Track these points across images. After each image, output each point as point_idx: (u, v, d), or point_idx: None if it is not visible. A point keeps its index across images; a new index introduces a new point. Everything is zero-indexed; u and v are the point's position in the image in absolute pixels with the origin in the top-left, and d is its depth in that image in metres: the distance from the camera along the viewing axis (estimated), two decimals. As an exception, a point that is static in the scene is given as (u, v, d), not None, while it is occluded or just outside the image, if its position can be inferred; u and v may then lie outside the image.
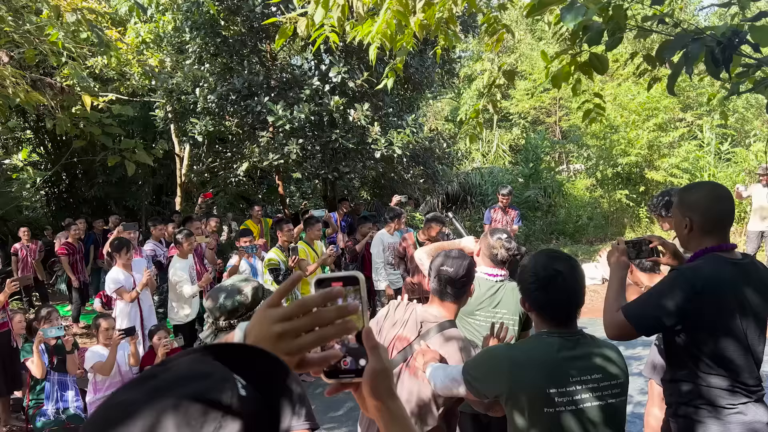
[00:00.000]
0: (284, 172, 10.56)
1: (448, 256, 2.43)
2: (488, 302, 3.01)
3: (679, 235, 2.34)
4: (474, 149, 21.63)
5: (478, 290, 2.99)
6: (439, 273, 2.39)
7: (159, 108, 10.29)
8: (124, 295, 5.76)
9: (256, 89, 8.96)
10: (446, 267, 2.37)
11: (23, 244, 9.82)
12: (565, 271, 1.91)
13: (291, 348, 0.81)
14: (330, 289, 0.84)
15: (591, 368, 1.86)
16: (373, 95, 9.28)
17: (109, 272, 6.04)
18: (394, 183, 10.71)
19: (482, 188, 16.94)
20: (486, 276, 3.08)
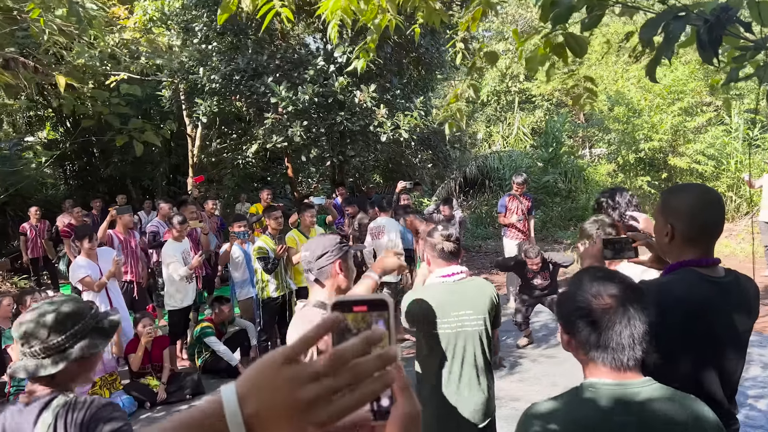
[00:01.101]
0: (294, 155, 10.35)
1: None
2: (450, 307, 2.76)
3: (659, 242, 2.05)
4: (495, 132, 21.19)
5: (438, 298, 2.76)
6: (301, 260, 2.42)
7: (165, 88, 10.13)
8: (88, 285, 5.40)
9: (260, 69, 8.74)
10: (305, 253, 2.36)
11: (32, 223, 9.83)
12: (624, 297, 1.43)
13: (324, 418, 0.61)
14: (372, 332, 0.65)
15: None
16: (380, 76, 8.99)
17: (73, 262, 5.80)
18: (402, 167, 10.44)
19: (500, 172, 16.54)
20: (442, 279, 2.83)
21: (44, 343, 1.70)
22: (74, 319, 1.76)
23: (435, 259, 2.87)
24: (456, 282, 2.82)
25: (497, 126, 21.13)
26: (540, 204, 15.14)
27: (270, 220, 5.94)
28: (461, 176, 17.43)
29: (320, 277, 2.34)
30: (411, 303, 2.78)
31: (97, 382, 5.05)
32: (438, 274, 2.84)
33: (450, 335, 2.74)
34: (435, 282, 2.85)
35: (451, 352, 2.76)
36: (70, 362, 1.71)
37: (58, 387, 1.74)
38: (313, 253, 2.32)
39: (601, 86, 15.20)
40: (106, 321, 1.87)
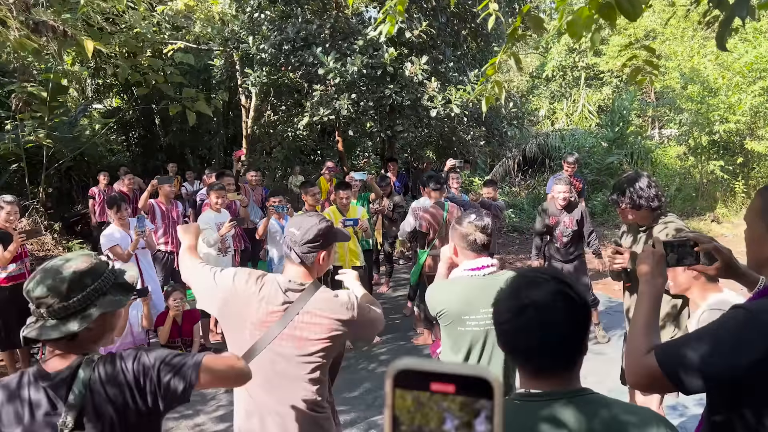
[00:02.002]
0: (342, 128, 10.12)
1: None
2: (479, 303, 2.46)
3: (752, 250, 1.62)
4: (558, 109, 20.33)
5: (466, 293, 2.51)
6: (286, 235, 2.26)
7: (217, 57, 10.04)
8: (118, 255, 5.39)
9: (310, 39, 8.48)
10: (293, 229, 2.21)
11: (100, 188, 10.07)
12: (541, 301, 1.25)
13: None
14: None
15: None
16: (434, 48, 8.58)
17: (104, 231, 5.79)
18: (453, 144, 10.03)
19: (561, 151, 15.83)
20: (471, 272, 2.55)
21: (64, 302, 1.58)
22: (93, 275, 1.65)
23: (463, 251, 2.60)
24: (486, 276, 2.54)
25: (561, 103, 20.25)
26: (601, 187, 14.44)
27: (307, 196, 5.73)
28: (520, 154, 16.84)
29: (305, 260, 2.20)
30: (436, 295, 2.61)
31: (126, 354, 5.01)
32: (466, 267, 2.58)
33: (478, 333, 2.51)
34: (463, 275, 2.59)
35: (477, 351, 2.53)
36: (94, 321, 1.59)
37: (81, 349, 1.62)
38: (302, 236, 2.17)
39: (674, 62, 14.24)
40: (126, 276, 1.79)
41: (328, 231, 2.24)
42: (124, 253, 5.43)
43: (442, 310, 2.54)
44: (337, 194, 5.92)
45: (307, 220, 2.22)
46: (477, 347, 2.53)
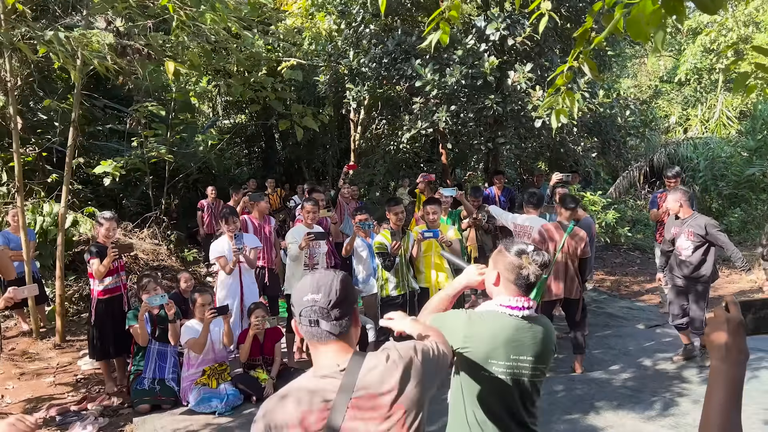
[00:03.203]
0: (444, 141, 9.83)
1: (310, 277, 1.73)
2: (510, 348, 2.11)
3: None
4: (692, 115, 18.65)
5: (499, 333, 2.13)
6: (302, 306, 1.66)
7: (323, 72, 10.16)
8: (222, 266, 5.66)
9: (410, 51, 8.31)
10: (311, 295, 1.64)
11: (209, 202, 10.57)
12: None
13: None
14: None
15: None
16: (540, 54, 8.07)
17: (216, 240, 6.01)
18: (561, 155, 9.38)
19: (693, 162, 14.43)
20: (505, 309, 2.16)
21: None
22: None
23: (508, 284, 2.20)
24: (524, 318, 2.16)
25: (696, 108, 18.56)
26: (740, 201, 12.96)
27: (390, 214, 5.51)
28: (647, 165, 15.59)
29: (341, 330, 1.65)
30: (462, 327, 2.18)
31: (207, 370, 5.05)
32: (502, 302, 2.19)
33: (501, 382, 2.12)
34: (496, 311, 2.19)
35: (497, 402, 2.15)
36: None
37: None
38: (328, 298, 1.63)
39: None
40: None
41: (349, 282, 1.73)
42: (227, 265, 5.68)
43: (466, 347, 2.14)
44: (425, 210, 5.65)
45: (320, 278, 1.69)
46: (494, 396, 2.14)
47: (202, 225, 10.54)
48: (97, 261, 5.17)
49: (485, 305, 2.26)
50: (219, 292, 5.88)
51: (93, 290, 5.32)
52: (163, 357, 5.16)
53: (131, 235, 10.09)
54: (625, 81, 20.25)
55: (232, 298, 5.74)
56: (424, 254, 5.59)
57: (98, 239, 5.44)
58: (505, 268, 2.20)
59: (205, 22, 5.24)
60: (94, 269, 5.19)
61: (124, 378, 5.49)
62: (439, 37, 2.45)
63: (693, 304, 5.50)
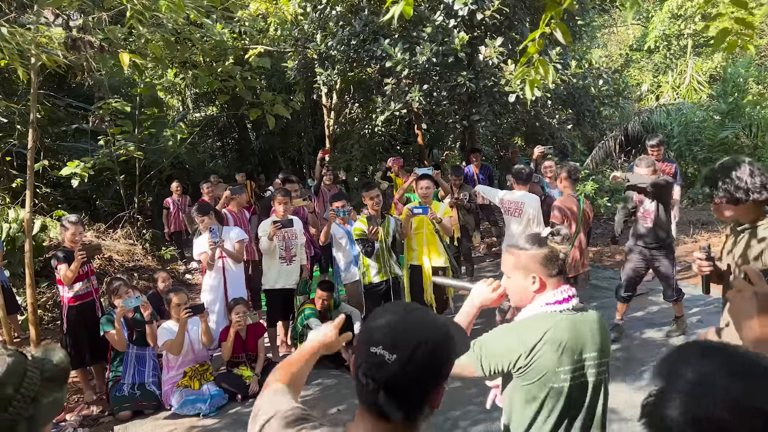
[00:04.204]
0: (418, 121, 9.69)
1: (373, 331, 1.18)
2: (573, 350, 1.91)
3: None
4: (664, 82, 18.69)
5: (559, 337, 1.90)
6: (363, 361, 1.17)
7: (290, 58, 9.93)
8: (204, 262, 5.54)
9: (378, 31, 8.12)
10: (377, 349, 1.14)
11: (174, 198, 10.29)
12: None
13: None
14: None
15: None
16: (509, 28, 7.94)
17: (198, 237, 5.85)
18: (537, 129, 9.30)
19: (668, 129, 14.47)
20: (554, 307, 1.97)
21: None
22: (14, 379, 1.21)
23: (550, 278, 1.98)
24: (574, 309, 1.96)
25: (666, 75, 18.59)
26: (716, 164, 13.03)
27: (366, 198, 5.39)
28: (622, 134, 15.61)
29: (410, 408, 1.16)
30: (516, 344, 1.91)
31: (188, 372, 4.91)
32: (547, 301, 1.97)
33: (571, 388, 1.91)
34: (545, 313, 1.97)
35: (566, 409, 1.93)
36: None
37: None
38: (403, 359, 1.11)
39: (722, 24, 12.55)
40: (55, 360, 1.34)
41: (448, 343, 1.20)
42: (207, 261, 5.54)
43: (528, 365, 1.88)
44: (418, 185, 5.58)
45: (402, 324, 1.18)
46: (562, 404, 1.92)
47: (168, 224, 10.26)
48: (65, 266, 4.97)
49: (526, 312, 2.03)
50: (203, 289, 5.74)
51: (63, 297, 5.11)
52: (141, 361, 4.99)
53: (105, 237, 9.83)
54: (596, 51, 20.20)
55: (215, 294, 5.59)
56: (416, 232, 5.54)
57: (65, 244, 5.23)
58: (541, 265, 1.97)
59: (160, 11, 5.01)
60: (62, 275, 4.99)
61: (102, 385, 5.30)
62: (403, 10, 2.31)
63: (664, 270, 5.43)
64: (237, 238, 5.91)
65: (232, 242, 5.79)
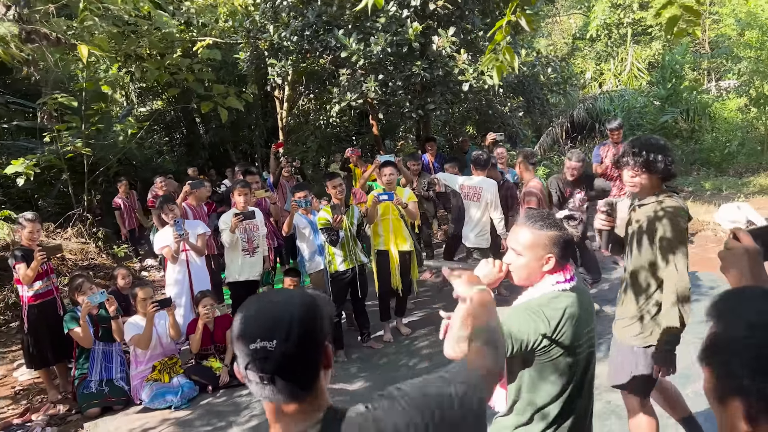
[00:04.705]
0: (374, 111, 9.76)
1: None
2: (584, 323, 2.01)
3: None
4: (606, 69, 19.33)
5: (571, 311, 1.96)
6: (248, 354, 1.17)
7: (242, 50, 9.83)
8: (167, 255, 5.51)
9: (332, 22, 8.15)
10: (257, 344, 1.15)
11: (122, 197, 10.07)
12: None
13: None
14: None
15: None
16: (461, 18, 8.10)
17: (158, 231, 5.81)
18: (490, 117, 9.53)
19: (611, 115, 15.01)
20: (564, 286, 2.02)
21: None
22: None
23: (561, 260, 2.02)
24: (574, 288, 2.04)
25: (608, 63, 19.24)
26: (657, 148, 13.62)
27: (329, 188, 5.46)
28: (568, 121, 16.09)
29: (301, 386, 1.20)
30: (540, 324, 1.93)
31: (157, 365, 4.88)
32: (557, 280, 2.02)
33: (581, 361, 2.01)
34: (556, 291, 2.01)
35: (575, 380, 2.01)
36: None
37: None
38: (282, 342, 1.14)
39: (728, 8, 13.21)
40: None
41: (314, 308, 1.22)
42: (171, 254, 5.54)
43: (553, 341, 1.92)
44: (381, 172, 5.68)
45: (270, 311, 1.20)
46: (577, 378, 2.01)
47: (123, 223, 10.05)
48: (24, 266, 4.86)
49: (534, 292, 2.05)
50: (168, 283, 5.69)
51: (23, 296, 5.00)
52: (108, 357, 4.94)
53: (55, 236, 9.54)
54: (540, 41, 20.71)
55: (181, 287, 5.55)
56: (382, 218, 5.65)
57: (22, 242, 5.10)
58: (557, 246, 1.99)
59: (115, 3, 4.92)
60: (21, 274, 4.88)
61: (67, 384, 5.22)
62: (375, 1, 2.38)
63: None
64: (199, 231, 5.89)
65: (194, 235, 5.77)
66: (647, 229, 2.77)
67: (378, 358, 5.51)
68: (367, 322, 5.85)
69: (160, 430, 4.30)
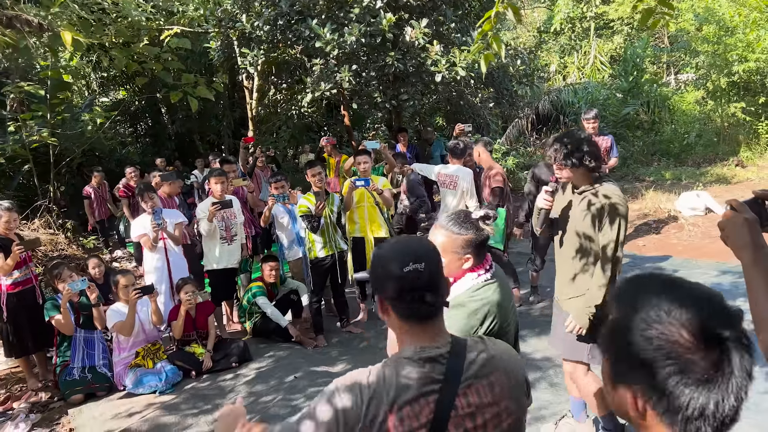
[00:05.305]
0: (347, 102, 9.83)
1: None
2: (507, 308, 2.17)
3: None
4: (569, 63, 19.74)
5: (496, 298, 2.11)
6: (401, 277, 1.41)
7: (213, 39, 9.78)
8: (146, 244, 5.52)
9: (305, 11, 8.19)
10: (415, 265, 1.39)
11: (93, 186, 9.96)
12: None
13: None
14: None
15: None
16: (434, 9, 8.23)
17: (134, 220, 5.81)
18: (462, 108, 9.71)
19: (575, 107, 15.38)
20: (485, 276, 2.16)
21: None
22: None
23: (478, 257, 2.15)
24: (494, 275, 2.19)
25: (572, 56, 19.66)
26: (619, 139, 14.03)
27: (309, 176, 5.55)
28: (533, 113, 16.40)
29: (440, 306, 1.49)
30: (474, 319, 2.07)
31: (140, 351, 4.91)
32: (479, 273, 2.15)
33: (509, 339, 2.16)
34: (479, 283, 2.13)
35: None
36: None
37: None
38: (430, 266, 1.44)
39: (687, 3, 13.66)
40: None
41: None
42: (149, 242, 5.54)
43: (486, 331, 2.07)
44: (356, 160, 5.79)
45: (415, 244, 1.47)
46: None
47: (92, 213, 9.96)
48: (1, 256, 4.82)
49: (458, 288, 2.14)
50: (147, 270, 5.70)
51: (0, 285, 4.95)
52: (90, 344, 4.94)
53: (22, 228, 9.37)
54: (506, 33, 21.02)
55: (160, 275, 5.57)
56: (357, 205, 5.76)
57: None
58: (473, 246, 2.12)
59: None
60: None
61: (47, 372, 5.20)
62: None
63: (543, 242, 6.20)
64: (176, 220, 5.90)
65: (172, 225, 5.78)
66: (584, 215, 2.99)
67: (358, 342, 5.63)
68: (346, 307, 5.97)
69: (146, 414, 4.34)
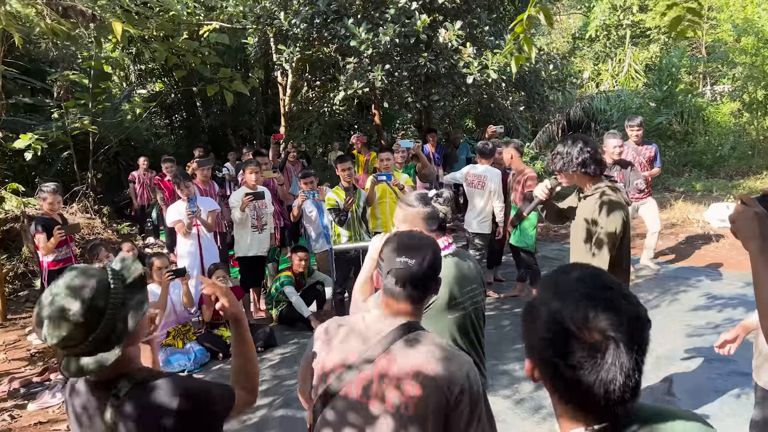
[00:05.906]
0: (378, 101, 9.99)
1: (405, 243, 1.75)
2: (461, 283, 2.34)
3: None
4: (603, 70, 19.62)
5: (452, 274, 2.31)
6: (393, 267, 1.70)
7: (251, 35, 10.02)
8: (180, 230, 5.72)
9: (342, 11, 8.36)
10: (404, 258, 1.68)
11: (140, 173, 10.34)
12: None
13: None
14: None
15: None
16: (468, 12, 8.32)
17: (171, 206, 6.04)
18: (492, 111, 9.79)
19: (607, 114, 15.29)
20: (444, 252, 2.35)
21: (90, 336, 1.41)
22: (102, 294, 1.44)
23: (431, 233, 2.32)
24: (454, 255, 2.39)
25: (606, 64, 19.53)
26: (652, 149, 13.95)
27: (339, 171, 5.70)
28: (564, 119, 16.34)
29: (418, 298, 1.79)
30: None
31: (171, 332, 5.12)
32: None
33: (465, 317, 2.33)
34: None
35: (462, 336, 2.34)
36: (124, 342, 1.46)
37: (121, 368, 1.51)
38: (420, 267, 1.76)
39: (726, 14, 13.50)
40: (127, 272, 1.55)
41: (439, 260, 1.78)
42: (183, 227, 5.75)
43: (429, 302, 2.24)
44: (379, 157, 5.95)
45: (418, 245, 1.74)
46: (460, 331, 2.33)
47: (135, 197, 10.36)
48: (44, 237, 5.09)
49: None
50: (180, 255, 5.91)
51: (42, 262, 5.22)
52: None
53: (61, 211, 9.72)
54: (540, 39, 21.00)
55: (193, 260, 5.78)
56: (380, 201, 5.90)
57: (43, 212, 5.31)
58: (423, 220, 2.35)
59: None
60: (42, 245, 5.11)
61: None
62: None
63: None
64: (210, 208, 6.11)
65: (205, 212, 5.99)
66: (586, 220, 3.10)
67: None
68: (369, 299, 6.11)
69: (175, 392, 4.53)
